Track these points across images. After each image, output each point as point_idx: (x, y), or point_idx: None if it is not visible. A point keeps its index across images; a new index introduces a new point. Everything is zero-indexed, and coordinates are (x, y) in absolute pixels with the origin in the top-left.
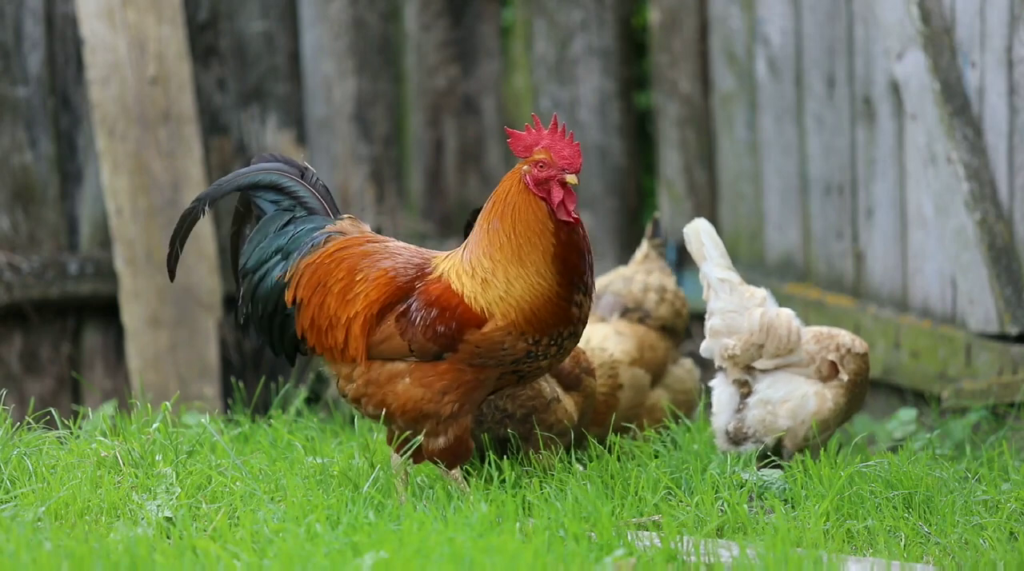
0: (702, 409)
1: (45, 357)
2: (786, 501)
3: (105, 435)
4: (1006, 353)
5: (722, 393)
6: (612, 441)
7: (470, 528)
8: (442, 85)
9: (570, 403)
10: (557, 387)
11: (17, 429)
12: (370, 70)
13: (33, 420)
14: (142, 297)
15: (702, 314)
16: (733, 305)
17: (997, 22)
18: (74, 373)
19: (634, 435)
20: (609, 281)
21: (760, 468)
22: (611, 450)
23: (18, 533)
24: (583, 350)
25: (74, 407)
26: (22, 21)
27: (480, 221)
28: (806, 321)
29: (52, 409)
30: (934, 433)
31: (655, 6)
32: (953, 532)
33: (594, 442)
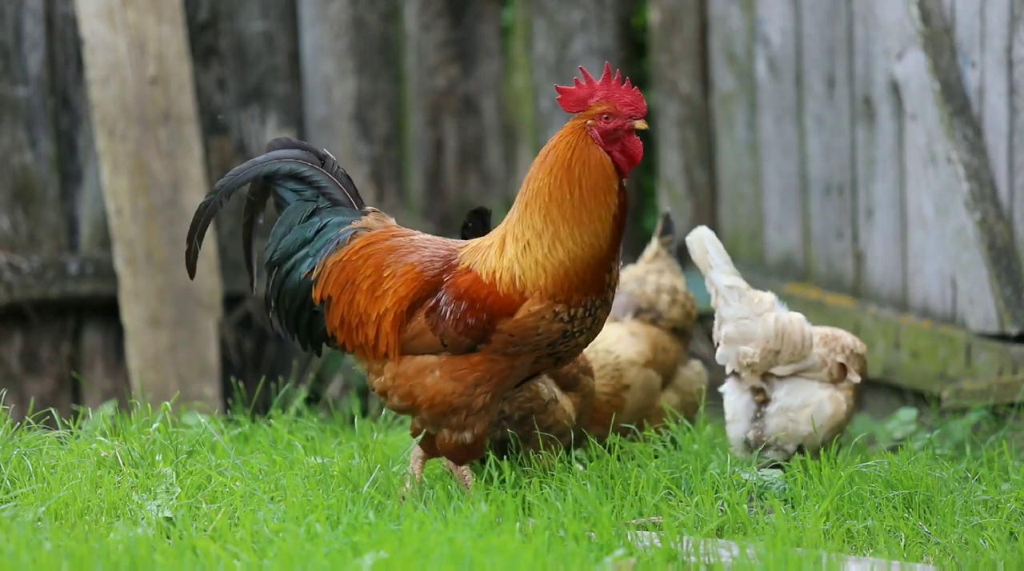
0: (703, 409)
1: (45, 357)
2: (786, 501)
3: (105, 435)
4: (1006, 353)
5: (737, 401)
6: (613, 441)
7: (470, 528)
8: (442, 85)
9: (568, 403)
10: (555, 388)
11: (17, 429)
12: (370, 70)
13: (33, 420)
14: (142, 297)
15: (704, 315)
16: (745, 312)
17: (997, 22)
18: (74, 373)
19: (633, 436)
20: (623, 281)
21: (760, 468)
22: (611, 450)
23: (18, 533)
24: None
25: (74, 407)
26: (22, 21)
27: (531, 184)
28: (807, 322)
29: (52, 409)
30: (934, 433)
31: (655, 6)
32: (953, 532)
33: (594, 442)
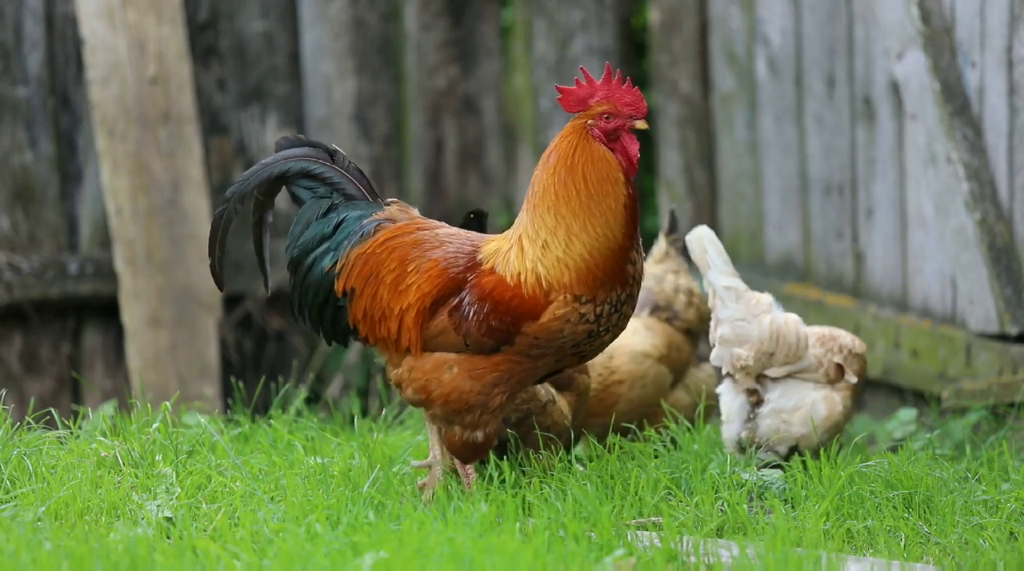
0: (702, 410)
1: (45, 357)
2: (786, 501)
3: (105, 435)
4: (1006, 353)
5: (732, 402)
6: (613, 441)
7: (470, 528)
8: (442, 85)
9: (564, 403)
10: (551, 388)
11: (17, 429)
12: (370, 70)
13: (33, 420)
14: (142, 297)
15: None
16: (741, 313)
17: (997, 22)
18: (74, 373)
19: (633, 436)
20: None
21: (760, 468)
22: (611, 450)
23: (18, 533)
24: None
25: (74, 407)
26: (22, 21)
27: (536, 186)
28: (806, 322)
29: (52, 409)
30: (934, 433)
31: (655, 6)
32: (953, 532)
33: (593, 442)
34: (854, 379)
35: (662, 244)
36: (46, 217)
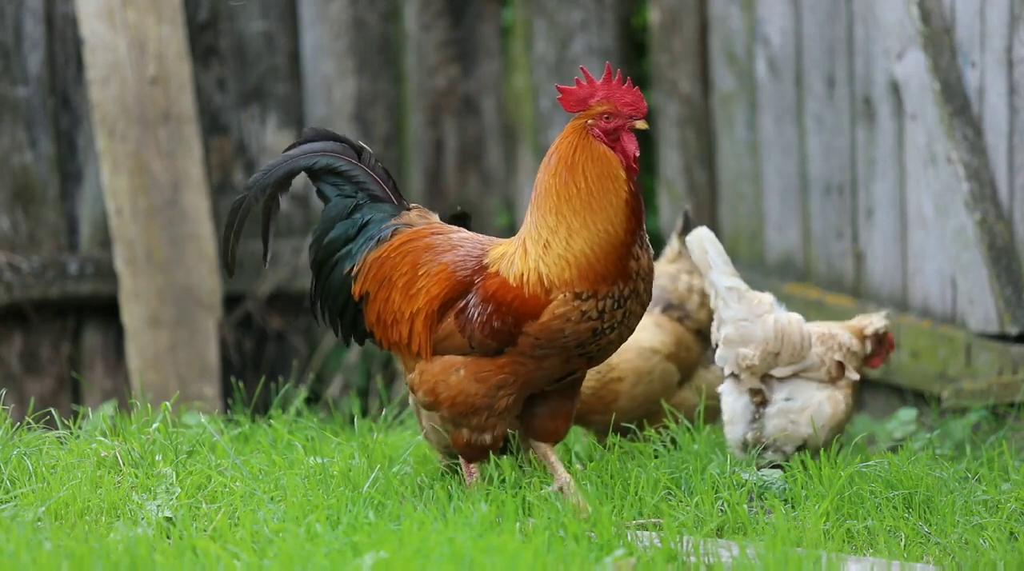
0: (702, 410)
1: (45, 357)
2: (786, 501)
3: (105, 435)
4: (1006, 353)
5: (735, 403)
6: (613, 441)
7: (470, 528)
8: (442, 85)
9: None
10: None
11: (17, 429)
12: (370, 70)
13: (33, 420)
14: (142, 297)
15: None
16: (744, 313)
17: (997, 22)
18: (74, 373)
19: (633, 436)
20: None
21: (760, 468)
22: (611, 450)
23: (18, 533)
24: None
25: (74, 407)
26: (22, 21)
27: (539, 188)
28: (807, 321)
29: (52, 409)
30: (934, 433)
31: (655, 6)
32: (953, 532)
33: (594, 441)
34: (855, 376)
35: (675, 244)
36: (46, 217)
